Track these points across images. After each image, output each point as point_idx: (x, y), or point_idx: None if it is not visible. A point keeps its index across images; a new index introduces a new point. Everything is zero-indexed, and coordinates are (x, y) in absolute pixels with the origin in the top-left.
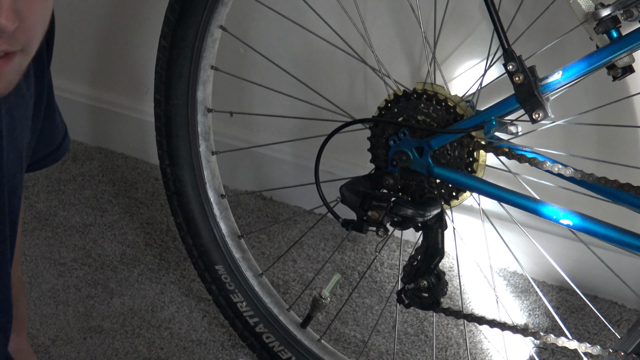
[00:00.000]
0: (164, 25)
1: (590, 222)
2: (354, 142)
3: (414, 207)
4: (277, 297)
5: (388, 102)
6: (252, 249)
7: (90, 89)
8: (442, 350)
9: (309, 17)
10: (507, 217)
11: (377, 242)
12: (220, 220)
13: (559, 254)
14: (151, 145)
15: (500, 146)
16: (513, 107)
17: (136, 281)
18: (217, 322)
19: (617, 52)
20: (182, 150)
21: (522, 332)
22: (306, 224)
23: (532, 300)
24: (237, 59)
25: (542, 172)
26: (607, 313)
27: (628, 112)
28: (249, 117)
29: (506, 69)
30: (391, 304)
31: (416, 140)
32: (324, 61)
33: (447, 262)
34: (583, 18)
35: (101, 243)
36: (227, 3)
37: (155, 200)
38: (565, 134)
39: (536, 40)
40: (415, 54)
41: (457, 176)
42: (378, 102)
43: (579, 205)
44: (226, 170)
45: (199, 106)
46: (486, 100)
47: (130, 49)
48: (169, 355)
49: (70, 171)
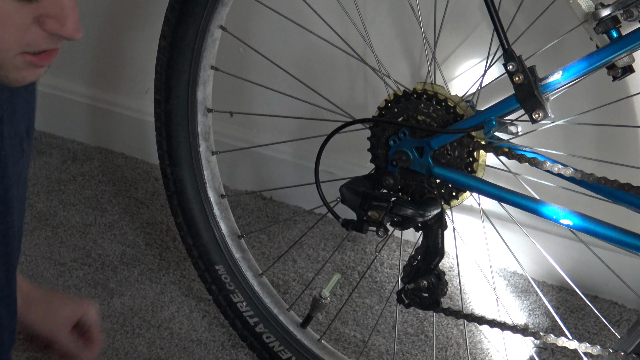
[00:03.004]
0: (164, 25)
1: (590, 222)
2: (354, 142)
3: (414, 207)
4: (277, 297)
5: (388, 102)
6: (252, 249)
7: (90, 89)
8: (442, 350)
9: (309, 17)
10: (507, 217)
11: (377, 242)
12: (220, 220)
13: (559, 254)
14: (151, 145)
15: (500, 146)
16: (513, 107)
17: (136, 281)
18: (217, 322)
19: (617, 52)
20: (182, 150)
21: (522, 332)
22: (306, 224)
23: (532, 300)
24: (237, 59)
25: (542, 172)
26: (607, 313)
27: (628, 112)
28: (249, 117)
29: (506, 69)
30: (391, 304)
31: (416, 140)
32: (324, 61)
33: (447, 262)
34: (583, 18)
35: (101, 243)
36: (227, 3)
37: (155, 200)
38: (565, 134)
39: (536, 40)
40: (415, 54)
41: (457, 176)
42: (378, 102)
43: (579, 205)
44: (226, 170)
45: (199, 106)
46: (486, 100)
47: (130, 49)
48: (169, 355)
49: (70, 171)
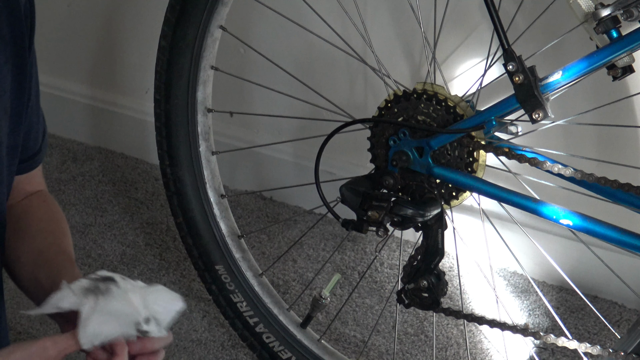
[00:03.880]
0: (164, 25)
1: (590, 222)
2: (353, 142)
3: (414, 207)
4: (277, 297)
5: (388, 102)
6: (252, 249)
7: (90, 89)
8: (442, 350)
9: (309, 17)
10: (507, 217)
11: (377, 242)
12: (220, 220)
13: (559, 254)
14: (151, 145)
15: (500, 146)
16: (513, 107)
17: None
18: (217, 322)
19: (617, 52)
20: (182, 150)
21: (522, 332)
22: (306, 224)
23: (532, 300)
24: (237, 59)
25: (542, 172)
26: (607, 313)
27: (628, 112)
28: (249, 117)
29: (506, 69)
30: (391, 304)
31: (416, 140)
32: (324, 61)
33: (447, 262)
34: (583, 18)
35: (101, 243)
36: (227, 3)
37: (155, 200)
38: (565, 134)
39: (536, 40)
40: (415, 54)
41: (457, 176)
42: (378, 102)
43: (579, 205)
44: (226, 170)
45: (199, 106)
46: (486, 100)
47: (130, 49)
48: (169, 355)
49: (70, 171)
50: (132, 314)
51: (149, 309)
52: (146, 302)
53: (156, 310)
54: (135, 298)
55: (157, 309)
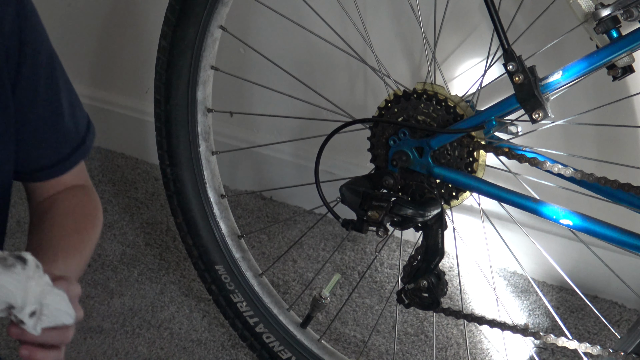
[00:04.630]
0: (164, 25)
1: (590, 222)
2: (353, 142)
3: (414, 207)
4: (277, 297)
5: (388, 102)
6: (252, 249)
7: (90, 89)
8: (442, 350)
9: (309, 17)
10: (507, 217)
11: (377, 242)
12: (220, 220)
13: (559, 254)
14: (151, 145)
15: (500, 146)
16: (513, 107)
17: (136, 281)
18: (217, 322)
19: (617, 52)
20: (182, 150)
21: (522, 332)
22: (306, 224)
23: (532, 300)
24: (237, 59)
25: (542, 172)
26: (607, 313)
27: (628, 112)
28: (249, 117)
29: (506, 69)
30: (391, 304)
31: (416, 140)
32: (324, 61)
33: (447, 262)
34: (583, 18)
35: (101, 243)
36: (227, 3)
37: (155, 200)
38: (565, 134)
39: (536, 40)
40: (415, 54)
41: (457, 176)
42: (378, 102)
43: (579, 205)
44: (226, 170)
45: (199, 106)
46: (486, 100)
47: (130, 49)
48: (169, 355)
49: None
50: (13, 295)
51: (39, 305)
52: (40, 298)
53: (45, 311)
54: (32, 287)
55: (47, 311)
